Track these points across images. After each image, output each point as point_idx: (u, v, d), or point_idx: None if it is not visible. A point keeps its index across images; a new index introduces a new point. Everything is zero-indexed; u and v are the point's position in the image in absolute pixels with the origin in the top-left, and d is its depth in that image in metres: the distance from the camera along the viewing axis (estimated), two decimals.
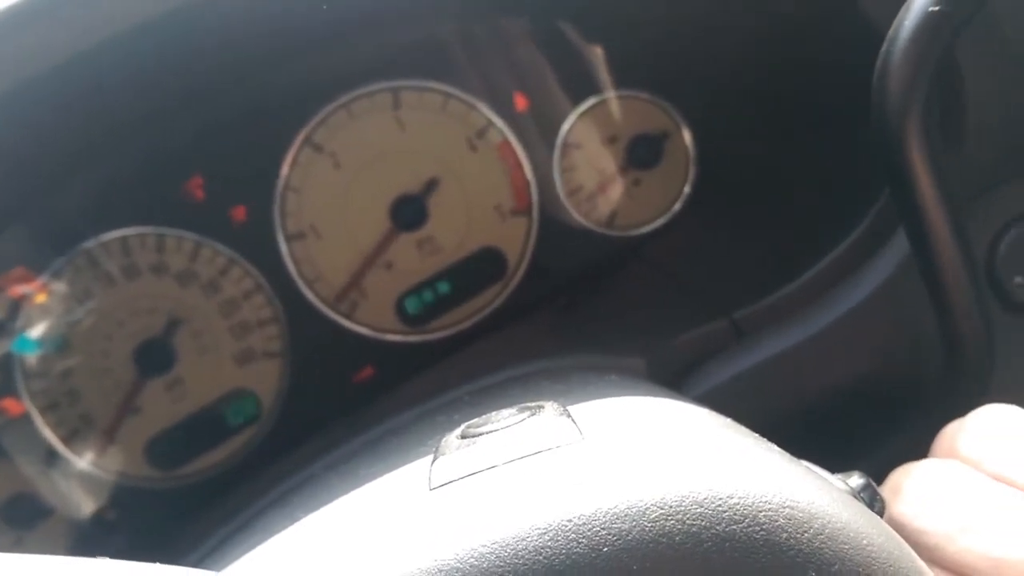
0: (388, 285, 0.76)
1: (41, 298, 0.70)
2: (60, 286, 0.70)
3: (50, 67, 0.55)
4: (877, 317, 0.60)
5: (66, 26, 0.54)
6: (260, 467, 0.70)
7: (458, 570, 0.28)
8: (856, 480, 0.39)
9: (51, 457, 0.70)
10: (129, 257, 0.72)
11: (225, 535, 0.60)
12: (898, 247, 0.60)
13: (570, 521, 0.28)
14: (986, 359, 0.51)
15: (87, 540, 0.70)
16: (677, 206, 0.80)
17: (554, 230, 0.78)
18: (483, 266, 0.78)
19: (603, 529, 0.28)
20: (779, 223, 0.71)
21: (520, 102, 0.78)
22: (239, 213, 0.74)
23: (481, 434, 0.36)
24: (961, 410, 0.49)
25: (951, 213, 0.48)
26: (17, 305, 0.70)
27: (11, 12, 0.54)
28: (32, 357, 0.70)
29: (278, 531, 0.40)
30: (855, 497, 0.35)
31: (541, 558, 0.28)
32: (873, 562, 0.29)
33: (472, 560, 0.28)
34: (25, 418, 0.70)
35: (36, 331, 0.70)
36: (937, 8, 0.47)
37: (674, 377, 0.63)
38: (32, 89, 0.55)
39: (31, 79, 0.55)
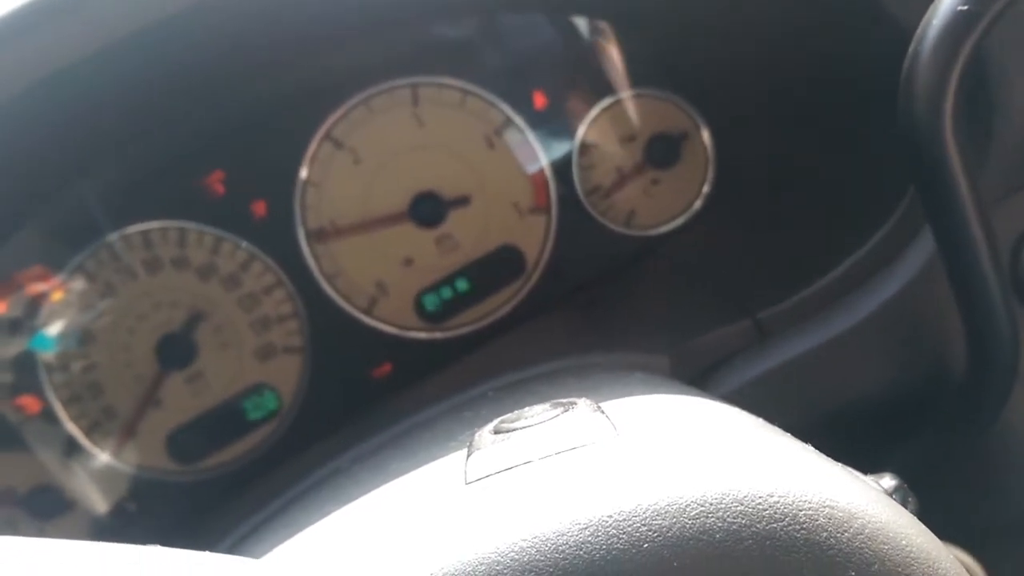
0: (407, 282, 0.76)
1: (59, 296, 0.70)
2: (80, 282, 0.71)
3: (73, 63, 0.55)
4: (901, 318, 0.60)
5: (88, 22, 0.55)
6: (280, 461, 0.70)
7: (499, 564, 0.28)
8: (888, 481, 0.39)
9: (73, 449, 0.71)
10: (151, 251, 0.72)
11: (253, 526, 0.61)
12: (923, 248, 0.60)
13: (611, 517, 0.28)
14: (1013, 360, 0.51)
15: (107, 531, 0.70)
16: (697, 205, 0.80)
17: (573, 228, 0.78)
18: (502, 264, 0.78)
19: (644, 525, 0.28)
20: (801, 223, 0.71)
21: (539, 100, 0.78)
22: (260, 208, 0.74)
23: (515, 429, 0.36)
24: (987, 412, 0.49)
25: (980, 214, 0.48)
26: (36, 303, 0.70)
27: (34, 8, 0.54)
28: (53, 352, 0.70)
29: (311, 523, 0.40)
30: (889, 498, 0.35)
31: (582, 553, 0.28)
32: (912, 562, 0.29)
33: (513, 554, 0.28)
34: (47, 411, 0.70)
35: (54, 329, 0.70)
36: (966, 7, 0.47)
37: (697, 376, 0.63)
38: (55, 84, 0.56)
39: (54, 74, 0.55)
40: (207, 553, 0.27)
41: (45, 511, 0.70)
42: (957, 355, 0.55)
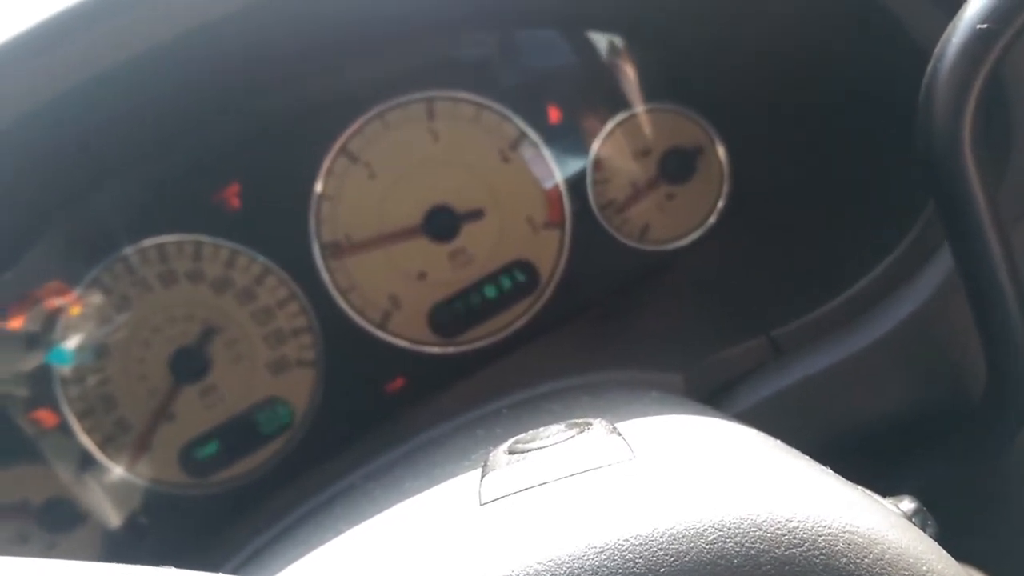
0: (421, 296, 0.76)
1: (76, 310, 0.70)
2: (96, 296, 0.71)
3: (92, 77, 0.56)
4: (918, 337, 0.59)
5: (105, 38, 0.55)
6: (293, 476, 0.70)
7: None
8: (907, 504, 0.39)
9: (86, 462, 0.71)
10: (166, 264, 0.72)
11: (264, 543, 0.60)
12: (940, 266, 0.59)
13: (627, 541, 0.28)
14: None
15: (120, 545, 0.70)
16: (711, 220, 0.79)
17: (586, 243, 0.78)
18: (515, 278, 0.78)
19: (660, 550, 0.28)
20: (817, 241, 0.71)
21: (553, 114, 0.78)
22: (275, 222, 0.74)
23: (530, 450, 0.36)
24: (1006, 432, 0.48)
25: (1000, 232, 0.48)
26: (53, 317, 0.70)
27: (52, 23, 0.54)
28: (69, 366, 0.71)
29: (323, 542, 0.40)
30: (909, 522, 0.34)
31: None
32: None
33: None
34: (61, 424, 0.70)
35: (71, 343, 0.71)
36: (985, 26, 0.47)
37: (712, 394, 0.62)
38: (73, 99, 0.56)
39: (72, 89, 0.55)
40: (220, 575, 0.27)
41: (58, 524, 0.70)
42: (975, 374, 0.54)
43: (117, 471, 0.71)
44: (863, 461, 0.47)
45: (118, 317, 0.71)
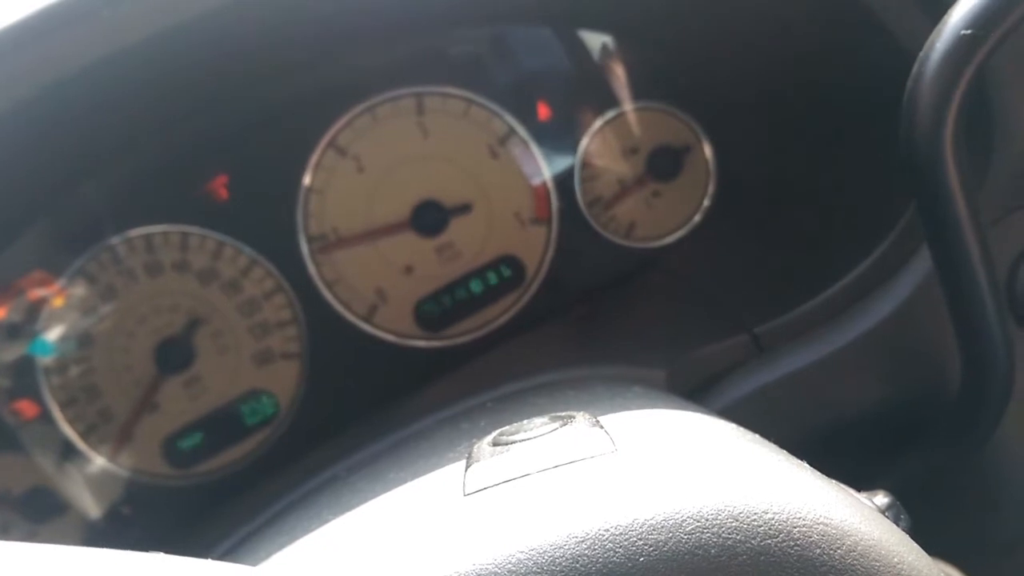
0: (407, 290, 0.77)
1: (59, 301, 0.70)
2: (81, 286, 0.71)
3: (80, 68, 0.55)
4: (898, 336, 0.60)
5: (94, 30, 0.55)
6: (277, 468, 0.70)
7: (496, 575, 0.28)
8: (881, 499, 0.40)
9: (68, 452, 0.71)
10: (153, 254, 0.72)
11: (247, 534, 0.61)
12: (920, 266, 0.60)
13: (607, 531, 0.29)
14: (1007, 379, 0.52)
15: (102, 535, 0.70)
16: (697, 219, 0.80)
17: (573, 240, 0.79)
18: (502, 273, 0.78)
19: (640, 539, 0.29)
20: (800, 239, 0.72)
21: (542, 111, 0.79)
22: (262, 214, 0.74)
23: (514, 442, 0.36)
24: (981, 430, 0.49)
25: (978, 234, 0.49)
26: (36, 307, 0.70)
27: (44, 14, 0.54)
28: (52, 357, 0.70)
29: (308, 532, 0.41)
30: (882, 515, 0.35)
31: (578, 566, 0.28)
32: None
33: (510, 566, 0.28)
34: (44, 413, 0.70)
35: (54, 333, 0.70)
36: (969, 31, 0.48)
37: (693, 390, 0.63)
38: (61, 90, 0.56)
39: (60, 80, 0.55)
40: (209, 561, 0.27)
41: (39, 514, 0.70)
42: (952, 373, 0.55)
43: (99, 461, 0.71)
44: (841, 456, 0.48)
45: (103, 307, 0.71)
